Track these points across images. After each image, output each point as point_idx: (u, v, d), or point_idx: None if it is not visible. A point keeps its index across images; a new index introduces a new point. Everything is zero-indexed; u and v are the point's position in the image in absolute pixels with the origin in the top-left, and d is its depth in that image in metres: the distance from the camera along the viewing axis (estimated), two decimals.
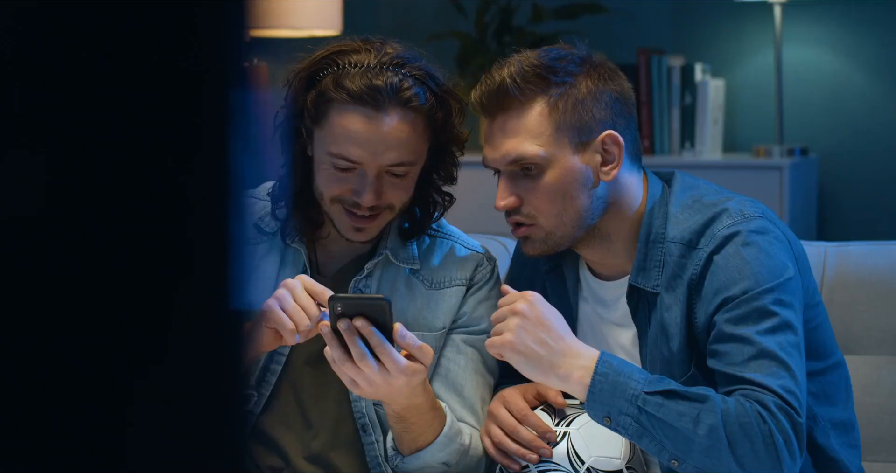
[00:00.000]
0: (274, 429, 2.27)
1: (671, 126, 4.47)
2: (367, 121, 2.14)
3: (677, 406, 1.96)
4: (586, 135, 2.10)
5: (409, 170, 2.20)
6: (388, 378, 2.02)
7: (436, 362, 2.29)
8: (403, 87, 2.15)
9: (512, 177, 2.12)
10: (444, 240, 2.34)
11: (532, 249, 2.15)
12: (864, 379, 2.45)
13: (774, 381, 1.97)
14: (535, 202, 2.11)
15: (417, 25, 4.77)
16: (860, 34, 4.49)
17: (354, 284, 2.27)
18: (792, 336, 2.02)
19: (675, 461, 1.97)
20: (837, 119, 4.53)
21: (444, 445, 2.17)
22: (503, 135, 2.11)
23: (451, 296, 2.29)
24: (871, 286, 2.49)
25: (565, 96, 2.09)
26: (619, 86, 2.13)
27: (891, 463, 2.43)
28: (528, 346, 2.01)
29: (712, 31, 4.61)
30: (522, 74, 2.08)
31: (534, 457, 2.09)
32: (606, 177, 2.11)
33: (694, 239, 2.10)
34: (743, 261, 2.04)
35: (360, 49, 2.18)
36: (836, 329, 2.46)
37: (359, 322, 2.00)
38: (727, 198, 2.14)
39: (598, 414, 2.00)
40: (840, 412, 2.19)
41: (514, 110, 2.10)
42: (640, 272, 2.13)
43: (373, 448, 2.26)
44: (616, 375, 1.99)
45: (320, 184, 2.22)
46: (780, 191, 4.18)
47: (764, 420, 1.94)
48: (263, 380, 2.27)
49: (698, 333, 2.07)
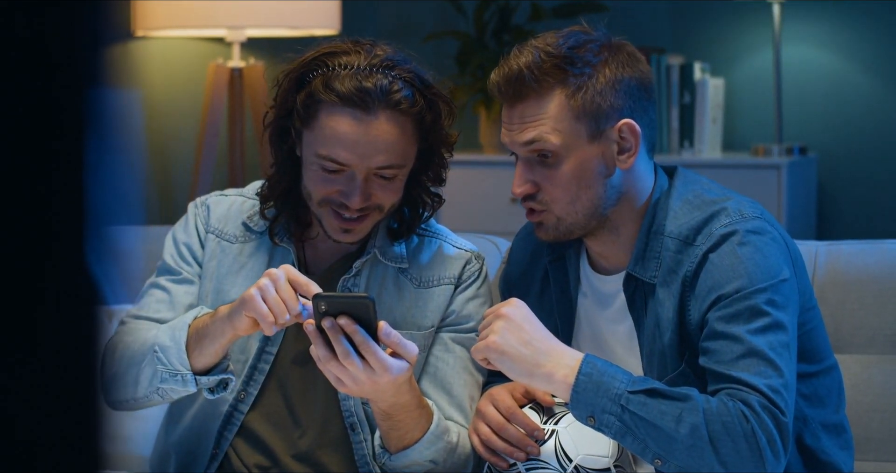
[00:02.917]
0: (261, 428, 2.28)
1: (670, 125, 4.47)
2: (357, 124, 2.15)
3: (660, 406, 1.96)
4: (604, 123, 2.10)
5: (397, 173, 2.20)
6: (373, 376, 2.03)
7: (424, 360, 2.30)
8: (393, 90, 2.15)
9: (529, 163, 2.12)
10: (433, 239, 2.35)
11: (545, 234, 2.16)
12: (854, 377, 2.46)
13: (761, 380, 1.97)
14: (550, 189, 2.11)
15: (417, 25, 4.77)
16: (859, 33, 4.49)
17: (343, 283, 2.28)
18: (783, 336, 2.02)
19: (658, 460, 1.97)
20: (836, 118, 4.53)
21: (431, 443, 2.18)
22: (521, 123, 2.11)
23: (439, 295, 2.30)
24: (861, 285, 2.49)
25: (584, 87, 2.08)
26: (638, 72, 2.12)
27: (882, 463, 2.43)
28: (512, 346, 2.01)
29: (711, 30, 4.61)
30: (540, 65, 2.07)
31: (521, 455, 2.10)
32: (623, 164, 2.12)
33: (691, 235, 2.11)
34: (738, 260, 2.05)
35: (350, 50, 2.19)
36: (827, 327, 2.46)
37: (343, 320, 2.01)
38: (727, 197, 2.14)
39: (581, 414, 2.00)
40: (832, 414, 2.19)
41: (533, 100, 2.09)
42: (638, 261, 2.14)
43: (361, 447, 2.26)
44: (600, 375, 1.99)
45: (308, 185, 2.22)
46: (778, 189, 4.18)
47: (747, 420, 1.94)
48: (251, 379, 2.28)
49: (691, 330, 2.08)
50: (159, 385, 2.17)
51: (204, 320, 2.16)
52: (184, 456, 2.32)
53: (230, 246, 2.33)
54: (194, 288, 2.32)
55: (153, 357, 2.16)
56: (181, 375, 2.15)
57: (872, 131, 4.50)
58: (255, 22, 4.05)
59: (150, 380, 2.18)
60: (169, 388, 2.17)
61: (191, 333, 2.15)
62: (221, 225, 2.35)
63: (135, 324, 2.28)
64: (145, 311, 2.30)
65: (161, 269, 2.35)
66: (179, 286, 2.31)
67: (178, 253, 2.34)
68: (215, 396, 2.19)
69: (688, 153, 4.45)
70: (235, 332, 2.11)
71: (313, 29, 4.12)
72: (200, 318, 2.17)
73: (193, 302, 2.30)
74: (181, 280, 2.32)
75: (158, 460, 2.38)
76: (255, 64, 4.17)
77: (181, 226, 2.37)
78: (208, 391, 2.18)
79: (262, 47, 4.36)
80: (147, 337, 2.20)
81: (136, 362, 2.19)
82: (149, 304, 2.31)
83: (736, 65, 4.60)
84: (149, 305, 2.31)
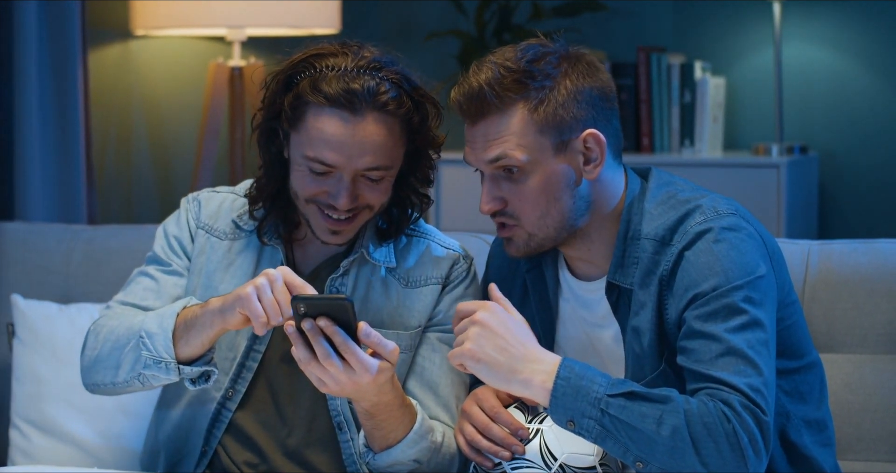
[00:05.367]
0: (250, 425, 2.29)
1: (671, 124, 4.47)
2: (344, 125, 2.16)
3: (640, 408, 1.96)
4: (568, 135, 2.10)
5: (385, 175, 2.21)
6: (354, 376, 2.04)
7: (411, 360, 2.30)
8: (380, 91, 2.16)
9: (495, 179, 2.12)
10: (421, 239, 2.35)
11: (516, 251, 2.16)
12: (845, 377, 2.45)
13: (741, 379, 1.96)
14: (519, 204, 2.11)
15: (418, 24, 4.77)
16: (860, 32, 4.48)
17: (330, 282, 2.29)
18: (761, 333, 2.01)
19: (639, 462, 1.97)
20: (837, 117, 4.52)
21: (415, 442, 2.19)
22: (485, 140, 2.11)
23: (426, 295, 2.31)
24: (853, 284, 2.48)
25: (545, 100, 2.08)
26: (598, 82, 2.12)
27: (872, 462, 2.42)
28: (487, 354, 2.01)
29: (712, 29, 4.61)
30: (500, 81, 2.07)
31: (506, 454, 2.10)
32: (590, 175, 2.12)
33: (667, 235, 2.10)
34: (714, 258, 2.04)
35: (337, 52, 2.20)
36: (818, 326, 2.46)
37: (322, 322, 2.02)
38: (701, 195, 2.14)
39: (561, 419, 2.00)
40: (813, 410, 2.19)
41: (495, 116, 2.09)
42: (618, 269, 2.13)
43: (348, 446, 2.27)
44: (578, 379, 1.99)
45: (296, 186, 2.23)
46: (778, 189, 4.17)
47: (728, 420, 1.94)
48: (240, 377, 2.29)
49: (669, 329, 2.08)
50: (142, 370, 2.18)
51: (193, 311, 2.16)
52: (174, 453, 2.34)
53: (219, 242, 2.34)
54: (182, 280, 2.33)
55: (138, 342, 2.17)
56: (165, 363, 2.16)
57: (873, 130, 4.49)
58: (256, 21, 4.05)
59: (133, 366, 2.19)
60: (151, 375, 2.18)
61: (178, 322, 2.17)
62: (212, 221, 2.36)
63: (121, 309, 2.29)
64: (131, 298, 2.31)
65: (150, 259, 2.36)
66: (168, 277, 2.33)
67: (168, 246, 2.35)
68: (196, 387, 2.20)
69: (688, 152, 4.45)
70: (225, 326, 2.12)
71: (313, 28, 4.13)
72: (189, 309, 2.18)
73: (181, 295, 2.31)
74: (170, 271, 2.33)
75: (149, 456, 2.39)
76: (256, 63, 4.17)
77: (173, 219, 2.39)
78: (190, 382, 2.19)
79: (262, 46, 4.37)
80: (133, 323, 2.21)
81: (120, 346, 2.20)
82: (136, 291, 2.32)
83: (737, 64, 4.59)
84: (136, 292, 2.32)
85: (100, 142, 4.20)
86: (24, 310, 2.79)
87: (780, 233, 4.13)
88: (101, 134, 4.20)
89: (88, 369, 2.26)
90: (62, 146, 3.66)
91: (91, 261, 2.88)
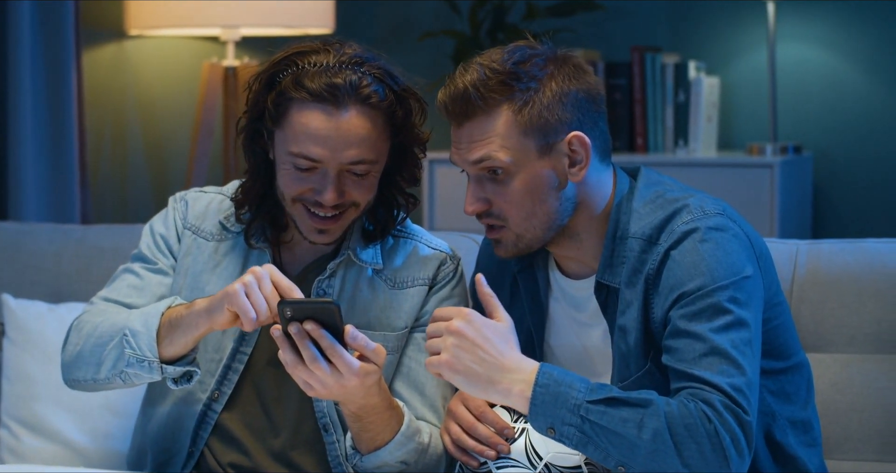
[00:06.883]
0: (236, 427, 2.29)
1: (665, 124, 4.47)
2: (327, 118, 2.16)
3: (620, 413, 1.96)
4: (553, 137, 2.10)
5: (370, 169, 2.21)
6: (341, 379, 2.04)
7: (398, 361, 2.31)
8: (362, 85, 2.17)
9: (480, 180, 2.13)
10: (408, 240, 2.35)
11: (505, 252, 2.16)
12: (833, 377, 2.45)
13: (723, 379, 1.96)
14: (503, 206, 2.12)
15: (412, 24, 4.78)
16: (854, 32, 4.49)
17: (317, 284, 2.29)
18: (745, 333, 2.01)
19: (621, 467, 1.96)
20: (831, 117, 4.53)
21: (402, 444, 2.19)
22: (470, 141, 2.11)
23: (413, 296, 2.31)
24: (842, 284, 2.48)
25: (530, 102, 2.08)
26: (585, 84, 2.12)
27: (860, 462, 2.42)
28: (465, 365, 2.00)
29: (706, 28, 4.61)
30: (486, 82, 2.08)
31: (492, 454, 2.10)
32: (575, 177, 2.12)
33: (654, 234, 2.10)
34: (699, 258, 2.05)
35: (319, 50, 2.21)
36: (807, 326, 2.46)
37: (309, 325, 2.02)
38: (689, 194, 2.14)
39: (541, 426, 1.99)
40: (799, 411, 2.19)
41: (480, 118, 2.09)
42: (606, 268, 2.14)
43: (334, 448, 2.27)
44: (557, 386, 1.98)
45: (281, 185, 2.23)
46: (772, 188, 4.17)
47: (709, 420, 1.93)
48: (226, 378, 2.29)
49: (655, 328, 2.08)
50: (124, 368, 2.18)
51: (178, 311, 2.17)
52: (160, 454, 2.34)
53: (206, 243, 2.34)
54: (167, 279, 2.33)
55: (122, 340, 2.17)
56: (148, 362, 2.16)
57: (867, 130, 4.50)
58: (250, 21, 4.06)
59: (115, 363, 2.19)
60: (133, 373, 2.18)
61: (163, 322, 2.17)
62: (198, 221, 2.36)
63: (104, 306, 2.29)
64: (115, 295, 2.31)
65: (136, 257, 2.36)
66: (153, 275, 2.33)
67: (154, 244, 2.35)
68: (178, 387, 2.20)
69: (682, 152, 4.45)
70: (212, 326, 2.12)
71: (307, 28, 4.13)
72: (174, 308, 2.18)
73: (165, 293, 2.31)
74: (156, 269, 2.33)
75: (136, 457, 2.39)
76: (250, 63, 4.17)
77: (160, 218, 2.39)
78: (172, 381, 2.19)
79: (256, 46, 4.37)
80: (117, 320, 2.21)
81: (103, 343, 2.20)
82: (120, 288, 2.32)
83: (731, 63, 4.59)
84: (120, 289, 2.32)
85: (94, 142, 4.20)
86: (15, 310, 2.79)
87: (774, 233, 4.13)
88: (95, 134, 4.21)
89: (69, 365, 2.26)
90: (56, 146, 3.66)
91: (81, 261, 2.88)
